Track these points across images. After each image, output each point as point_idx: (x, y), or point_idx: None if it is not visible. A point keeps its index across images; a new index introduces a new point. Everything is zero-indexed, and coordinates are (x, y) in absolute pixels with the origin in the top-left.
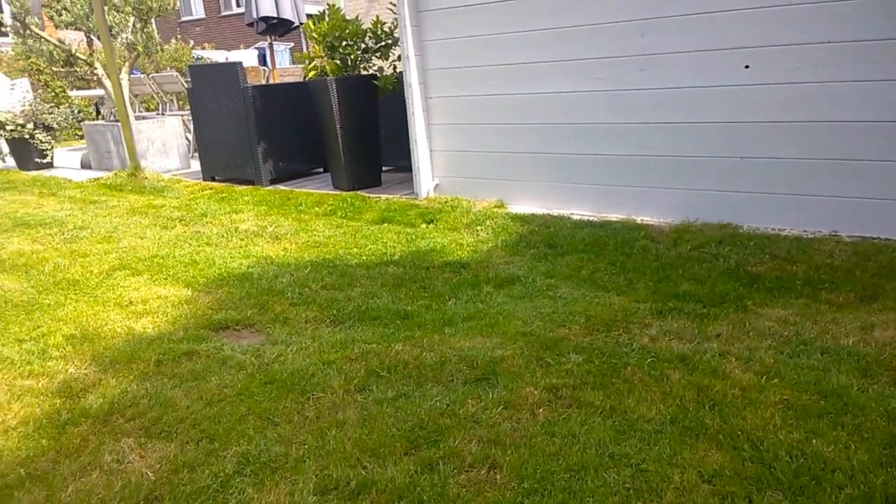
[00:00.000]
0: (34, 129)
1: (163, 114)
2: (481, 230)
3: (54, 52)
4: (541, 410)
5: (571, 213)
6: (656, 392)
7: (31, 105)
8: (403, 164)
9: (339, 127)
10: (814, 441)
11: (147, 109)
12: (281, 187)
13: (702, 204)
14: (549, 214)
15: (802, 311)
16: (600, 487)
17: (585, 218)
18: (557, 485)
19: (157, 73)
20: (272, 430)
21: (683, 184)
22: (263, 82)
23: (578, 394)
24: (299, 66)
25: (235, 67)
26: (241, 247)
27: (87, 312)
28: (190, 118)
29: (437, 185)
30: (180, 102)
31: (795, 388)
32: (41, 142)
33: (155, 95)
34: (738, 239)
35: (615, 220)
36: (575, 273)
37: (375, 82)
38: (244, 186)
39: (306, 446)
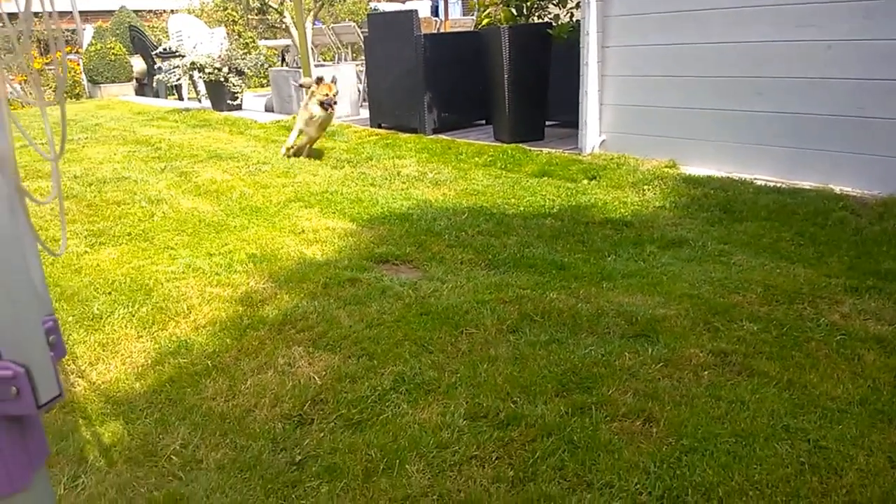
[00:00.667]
0: (228, 73)
1: (338, 63)
2: (648, 189)
3: (250, 1)
4: (705, 373)
5: (754, 178)
6: (845, 371)
7: (227, 51)
8: (569, 119)
9: (506, 77)
10: None
11: (324, 60)
12: (443, 136)
13: None
14: (727, 177)
15: None
16: (770, 457)
17: (771, 183)
18: (721, 447)
19: (336, 24)
20: (426, 356)
21: (891, 148)
22: (435, 32)
23: (750, 361)
24: (470, 17)
25: (411, 15)
26: (402, 189)
27: (266, 236)
28: (362, 68)
29: (603, 141)
30: (354, 54)
31: None
32: (233, 85)
33: (333, 46)
34: None
35: (808, 187)
36: (754, 241)
37: (549, 31)
38: (408, 134)
39: (458, 375)
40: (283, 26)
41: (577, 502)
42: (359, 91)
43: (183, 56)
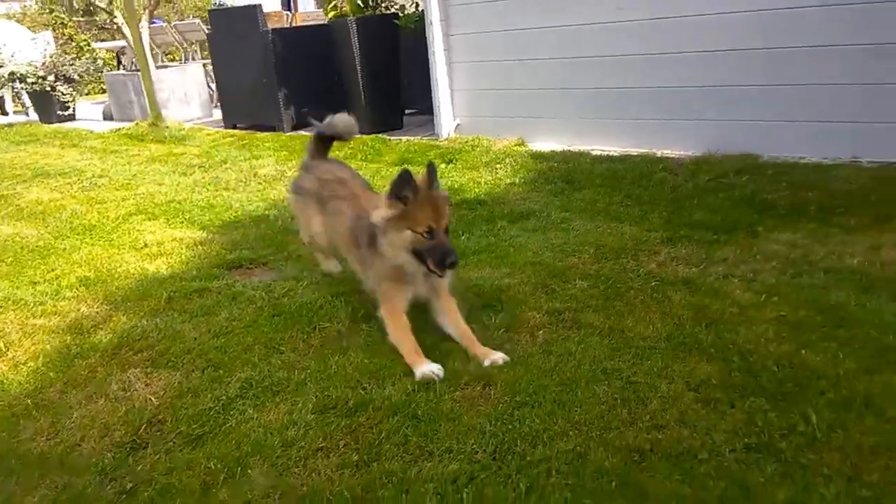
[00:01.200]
0: (55, 81)
1: (186, 63)
2: (500, 168)
3: (74, 2)
4: (541, 332)
5: (592, 149)
6: (656, 312)
7: (52, 57)
8: (426, 106)
9: (359, 68)
10: (803, 352)
11: (172, 60)
12: (303, 132)
13: (725, 135)
14: (569, 151)
15: (812, 234)
16: (589, 398)
17: (606, 153)
18: (548, 397)
19: (181, 21)
20: (276, 357)
21: (706, 115)
22: (286, 26)
23: (579, 316)
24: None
25: (255, 11)
26: (259, 191)
27: (102, 255)
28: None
29: (458, 125)
30: (204, 53)
31: (793, 305)
32: (62, 94)
33: (178, 44)
34: (757, 168)
35: (636, 154)
36: (590, 206)
37: (396, 21)
38: (266, 133)
39: (309, 371)
40: (115, 27)
41: (417, 473)
42: (210, 90)
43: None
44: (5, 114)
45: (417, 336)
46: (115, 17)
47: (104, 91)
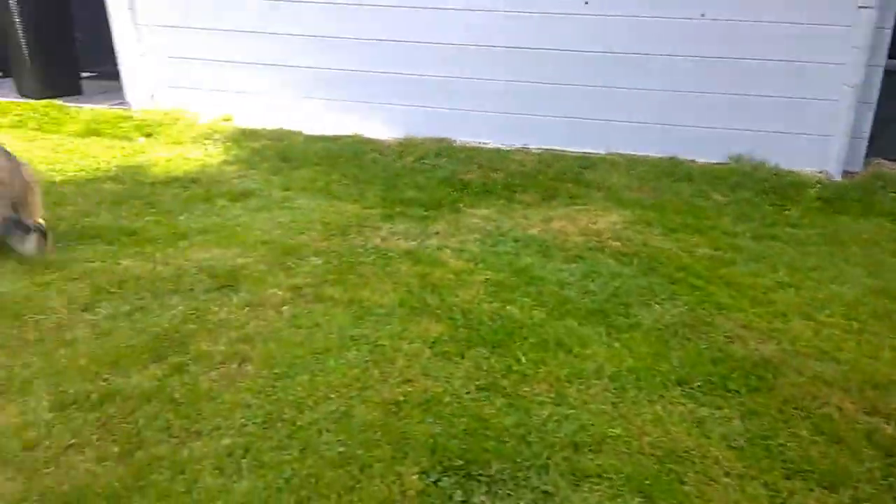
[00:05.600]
0: None
1: None
2: (210, 144)
3: None
4: (285, 308)
5: (303, 128)
6: (387, 282)
7: None
8: (109, 70)
9: (19, 22)
10: (508, 307)
11: None
12: None
13: (423, 120)
14: (281, 129)
15: (501, 209)
16: (343, 364)
17: (318, 132)
18: (304, 367)
19: None
20: None
21: (408, 101)
22: None
23: (320, 291)
24: None
25: None
26: None
27: None
28: None
29: (153, 95)
30: None
31: (495, 269)
32: None
33: None
34: (452, 151)
35: (347, 134)
36: (310, 185)
37: None
38: None
39: (32, 368)
40: None
41: (188, 453)
42: None
43: None
44: None
45: None
46: None
47: None
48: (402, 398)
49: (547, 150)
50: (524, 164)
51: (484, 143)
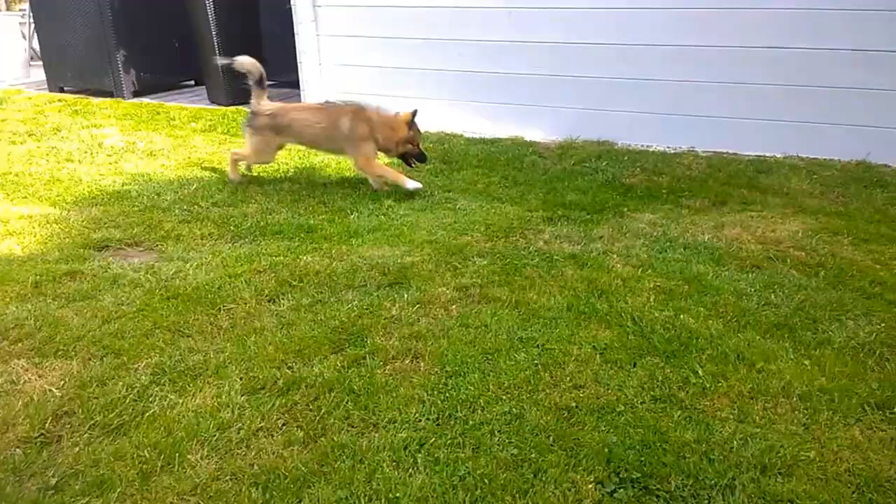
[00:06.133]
0: None
1: None
2: None
3: None
4: (454, 307)
5: (464, 131)
6: (553, 286)
7: None
8: (290, 79)
9: (215, 34)
10: (681, 316)
11: None
12: (147, 100)
13: (584, 123)
14: (442, 132)
15: (668, 214)
16: (513, 365)
17: (478, 135)
18: (475, 366)
19: None
20: (185, 341)
21: (568, 103)
22: None
23: (486, 291)
24: None
25: None
26: (110, 163)
27: None
28: (26, 20)
29: (327, 101)
30: (11, 2)
31: (665, 276)
32: None
33: None
34: (614, 154)
35: (505, 137)
36: (471, 186)
37: None
38: (102, 99)
39: (226, 354)
40: None
41: (367, 443)
42: (27, 49)
43: None
44: None
45: None
46: None
47: None
48: (573, 404)
49: (716, 153)
50: (691, 168)
51: (648, 146)
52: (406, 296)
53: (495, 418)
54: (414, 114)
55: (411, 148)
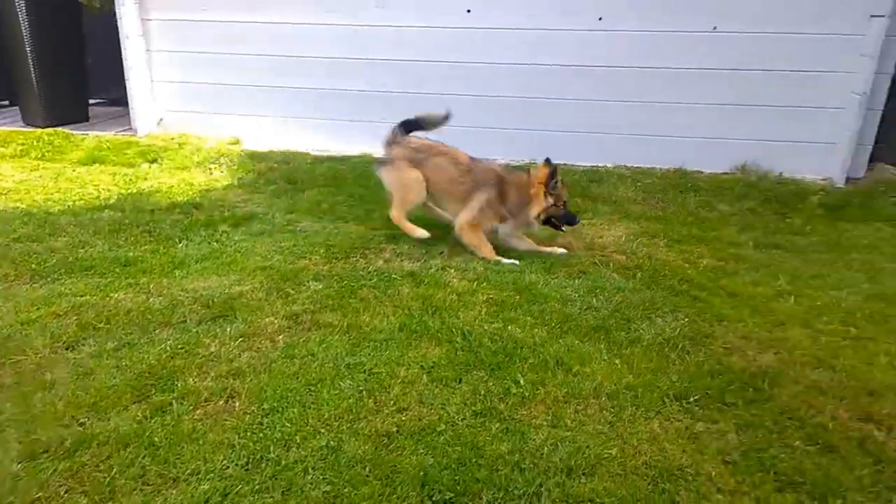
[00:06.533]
0: None
1: None
2: (215, 168)
3: None
4: (280, 337)
5: (311, 149)
6: (388, 306)
7: None
8: (119, 96)
9: (30, 51)
10: (509, 327)
11: None
12: None
13: (434, 138)
14: (288, 151)
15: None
16: (336, 395)
17: (326, 153)
18: (296, 400)
19: None
20: None
21: None
22: None
23: (318, 317)
24: None
25: None
26: None
27: None
28: None
29: (161, 120)
30: None
31: (498, 288)
32: None
33: None
34: None
35: (355, 154)
36: (315, 207)
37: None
38: None
39: (4, 415)
40: None
41: (162, 502)
42: None
43: None
44: None
45: None
46: None
47: None
48: (394, 429)
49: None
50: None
51: (493, 161)
52: (229, 329)
53: (311, 454)
54: (553, 170)
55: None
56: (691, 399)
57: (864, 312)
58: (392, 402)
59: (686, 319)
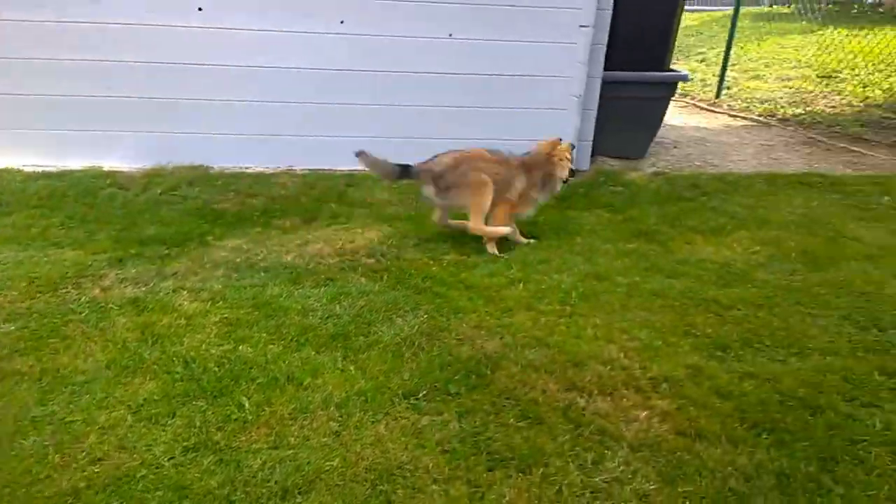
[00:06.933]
0: None
1: None
2: None
3: None
4: None
5: (23, 166)
6: (98, 341)
7: None
8: None
9: None
10: (240, 347)
11: None
12: None
13: (176, 147)
14: None
15: (256, 237)
16: (14, 456)
17: (42, 169)
18: None
19: None
20: None
21: (157, 126)
22: None
23: (5, 365)
24: None
25: None
26: None
27: None
28: None
29: None
30: None
31: (235, 306)
32: None
33: None
34: (209, 178)
35: (78, 168)
36: (22, 233)
37: None
38: None
39: None
40: None
41: None
42: None
43: None
44: None
45: None
46: None
47: None
48: (83, 484)
49: (313, 170)
50: (287, 187)
51: (245, 168)
52: None
53: None
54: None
55: None
56: (420, 395)
57: (579, 291)
58: (84, 454)
59: (425, 316)
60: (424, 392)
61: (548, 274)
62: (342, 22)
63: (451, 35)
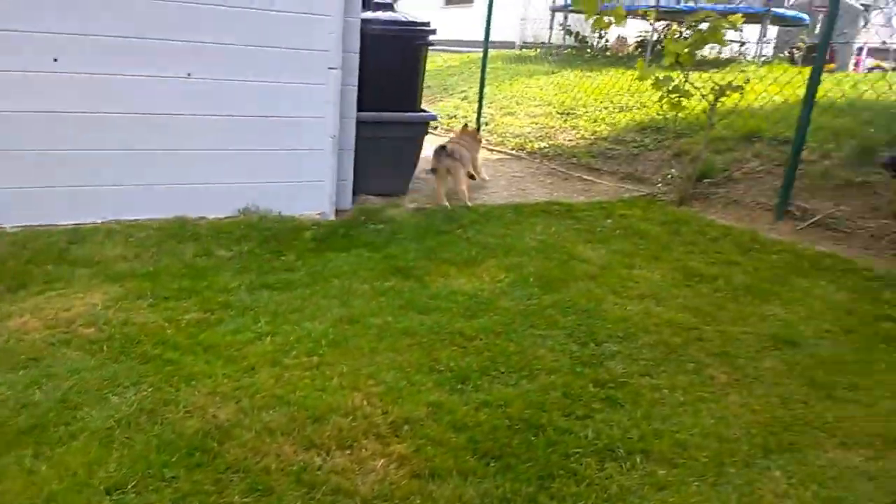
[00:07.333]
0: None
1: None
2: None
3: None
4: None
5: None
6: None
7: None
8: None
9: None
10: None
11: None
12: None
13: None
14: None
15: None
16: None
17: None
18: None
19: None
20: None
21: None
22: None
23: None
24: None
25: None
26: None
27: None
28: None
29: None
30: None
31: None
32: None
33: None
34: None
35: None
36: None
37: None
38: None
39: None
40: None
41: None
42: None
43: None
44: None
45: None
46: None
47: None
48: None
49: (28, 227)
50: None
51: None
52: None
53: None
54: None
55: None
56: (129, 486)
57: (329, 338)
58: None
59: (150, 390)
60: (134, 483)
61: (299, 323)
62: (55, 60)
63: (189, 75)
